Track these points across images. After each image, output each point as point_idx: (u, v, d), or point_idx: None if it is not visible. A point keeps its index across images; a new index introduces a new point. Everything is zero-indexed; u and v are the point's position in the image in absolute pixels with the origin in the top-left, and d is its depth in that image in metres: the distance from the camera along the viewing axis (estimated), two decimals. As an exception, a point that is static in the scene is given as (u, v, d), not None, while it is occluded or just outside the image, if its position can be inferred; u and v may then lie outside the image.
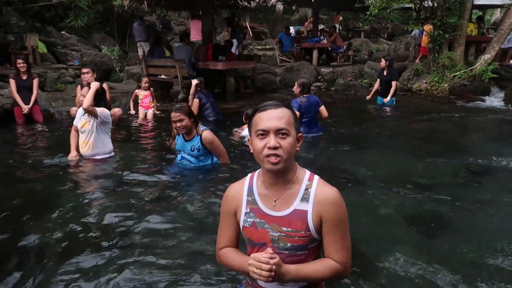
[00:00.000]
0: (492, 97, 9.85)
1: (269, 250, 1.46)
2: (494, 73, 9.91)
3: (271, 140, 1.47)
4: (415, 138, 6.35)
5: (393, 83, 8.78)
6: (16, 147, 5.59)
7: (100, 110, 4.51)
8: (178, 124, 3.90)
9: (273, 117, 1.49)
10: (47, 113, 7.36)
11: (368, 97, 9.36)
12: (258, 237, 1.59)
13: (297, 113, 5.48)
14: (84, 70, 6.37)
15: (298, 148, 1.55)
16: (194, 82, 7.53)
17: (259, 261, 1.41)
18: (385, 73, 8.89)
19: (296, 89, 5.94)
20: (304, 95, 5.81)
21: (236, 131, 6.17)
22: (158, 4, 11.20)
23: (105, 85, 6.75)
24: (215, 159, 4.28)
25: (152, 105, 7.89)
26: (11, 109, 6.91)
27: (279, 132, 1.48)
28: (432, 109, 8.68)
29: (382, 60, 8.99)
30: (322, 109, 5.97)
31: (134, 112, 8.00)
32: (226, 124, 7.04)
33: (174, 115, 3.90)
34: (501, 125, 7.23)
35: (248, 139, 1.60)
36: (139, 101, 7.93)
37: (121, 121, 7.05)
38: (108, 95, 6.72)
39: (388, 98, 8.79)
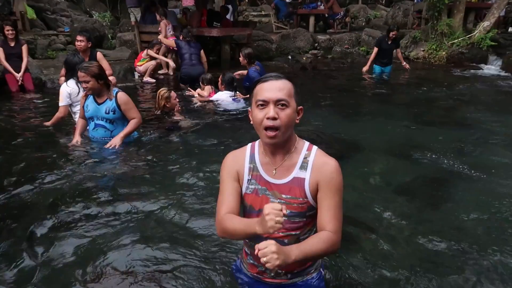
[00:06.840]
0: (490, 65, 9.77)
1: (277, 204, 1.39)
2: (493, 41, 9.79)
3: (270, 111, 1.51)
4: (411, 107, 6.32)
5: (398, 51, 8.82)
6: (9, 117, 5.47)
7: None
8: (84, 85, 3.70)
9: (273, 88, 1.52)
10: (38, 81, 7.20)
11: (365, 69, 8.77)
12: (259, 204, 1.63)
13: None
14: (79, 37, 6.05)
15: (297, 121, 1.59)
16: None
17: (276, 209, 1.33)
18: (389, 42, 8.62)
19: (242, 60, 6.12)
20: (254, 64, 6.07)
21: (193, 95, 6.21)
22: (150, -32, 10.76)
23: (99, 54, 6.52)
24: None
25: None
26: (1, 78, 6.73)
27: (278, 103, 1.52)
28: (429, 78, 8.62)
29: (394, 30, 8.56)
30: None
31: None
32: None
33: (80, 75, 3.65)
34: (498, 94, 7.21)
35: (249, 110, 1.63)
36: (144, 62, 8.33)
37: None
38: (106, 65, 6.54)
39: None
